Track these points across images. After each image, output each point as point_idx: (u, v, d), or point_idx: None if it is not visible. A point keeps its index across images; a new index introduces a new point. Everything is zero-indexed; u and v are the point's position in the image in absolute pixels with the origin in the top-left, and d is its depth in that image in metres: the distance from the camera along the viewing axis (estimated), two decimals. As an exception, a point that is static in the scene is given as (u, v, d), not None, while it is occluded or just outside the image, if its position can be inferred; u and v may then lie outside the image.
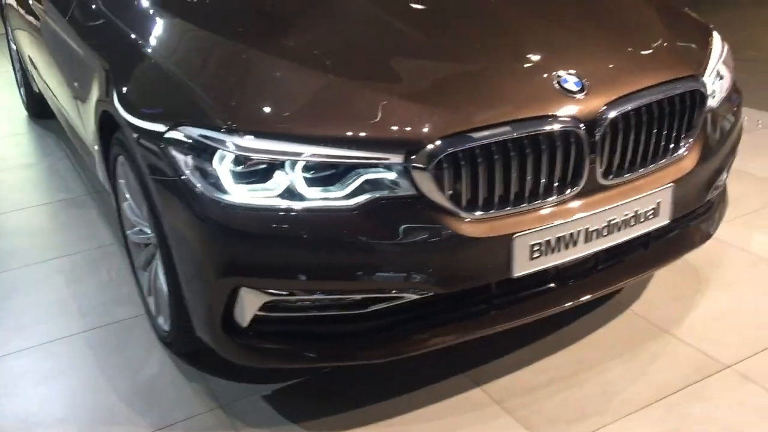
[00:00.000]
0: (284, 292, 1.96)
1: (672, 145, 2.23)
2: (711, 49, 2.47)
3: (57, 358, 2.53)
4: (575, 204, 2.06)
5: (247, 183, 1.91)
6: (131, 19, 2.50)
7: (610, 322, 2.53)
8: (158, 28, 2.42)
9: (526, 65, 2.17)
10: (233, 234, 1.92)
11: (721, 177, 2.45)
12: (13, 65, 5.25)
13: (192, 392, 2.33)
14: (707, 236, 2.49)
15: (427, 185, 1.90)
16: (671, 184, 2.19)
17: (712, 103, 2.38)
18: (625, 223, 2.14)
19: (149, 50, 2.30)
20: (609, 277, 2.27)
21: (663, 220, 2.22)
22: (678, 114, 2.21)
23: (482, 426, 2.12)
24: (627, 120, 2.10)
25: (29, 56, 4.21)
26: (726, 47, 2.59)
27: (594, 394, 2.20)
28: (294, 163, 1.90)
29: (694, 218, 2.48)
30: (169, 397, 2.32)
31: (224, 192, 1.91)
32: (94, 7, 2.77)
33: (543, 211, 2.02)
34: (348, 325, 2.05)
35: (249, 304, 1.99)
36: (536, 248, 2.01)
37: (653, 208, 2.18)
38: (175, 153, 1.99)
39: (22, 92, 5.16)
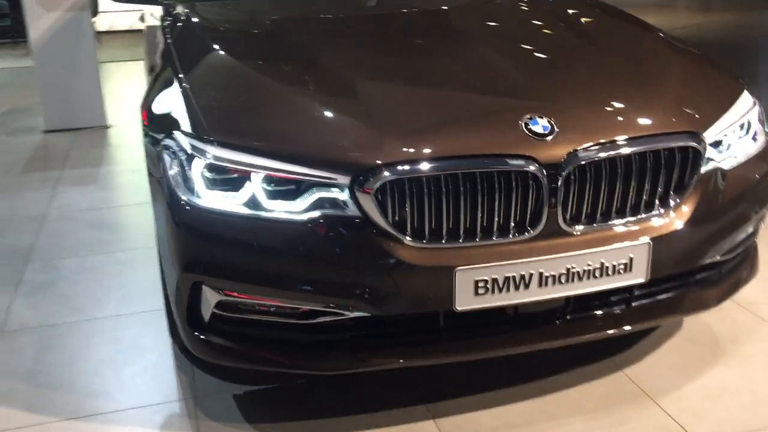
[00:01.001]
0: (234, 294, 2.10)
1: (657, 201, 2.16)
2: (731, 107, 2.35)
3: (79, 336, 2.81)
4: (530, 246, 2.05)
5: (222, 190, 2.09)
6: (177, 38, 2.78)
7: (595, 380, 2.44)
8: (192, 49, 2.68)
9: (498, 103, 2.20)
10: (196, 234, 2.09)
11: (727, 244, 2.30)
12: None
13: (177, 381, 2.52)
14: (704, 306, 2.35)
15: (371, 208, 1.98)
16: (648, 241, 2.11)
17: (724, 164, 2.27)
18: (589, 274, 2.09)
19: (179, 68, 2.55)
20: (576, 329, 2.20)
21: (637, 278, 2.14)
22: (665, 170, 2.14)
23: (418, 456, 2.14)
24: (598, 169, 2.07)
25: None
26: (758, 108, 2.45)
27: (538, 445, 2.14)
28: (257, 175, 2.05)
29: (696, 282, 2.36)
30: (156, 382, 2.52)
31: (195, 195, 2.09)
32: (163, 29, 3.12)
33: (493, 249, 2.03)
34: (296, 333, 2.15)
35: (209, 301, 2.15)
36: (481, 284, 2.02)
37: (624, 263, 2.11)
38: (165, 155, 2.20)
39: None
